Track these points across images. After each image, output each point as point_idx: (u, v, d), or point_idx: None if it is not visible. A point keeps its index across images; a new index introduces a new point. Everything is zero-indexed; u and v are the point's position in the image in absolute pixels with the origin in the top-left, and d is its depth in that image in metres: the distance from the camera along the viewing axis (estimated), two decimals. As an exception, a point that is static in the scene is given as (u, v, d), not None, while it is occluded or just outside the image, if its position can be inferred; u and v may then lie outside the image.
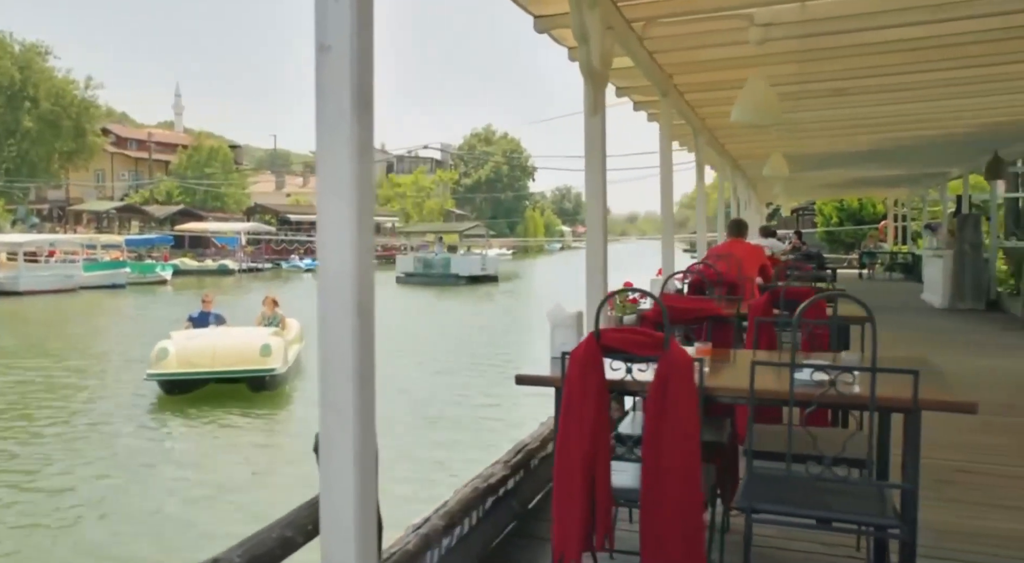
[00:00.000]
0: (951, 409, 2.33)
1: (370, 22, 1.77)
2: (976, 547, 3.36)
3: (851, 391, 2.30)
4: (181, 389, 11.54)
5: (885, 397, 2.27)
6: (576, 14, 3.67)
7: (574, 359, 2.48)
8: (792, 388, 2.28)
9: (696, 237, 9.95)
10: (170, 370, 11.33)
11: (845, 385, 2.27)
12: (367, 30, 1.76)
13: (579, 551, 2.49)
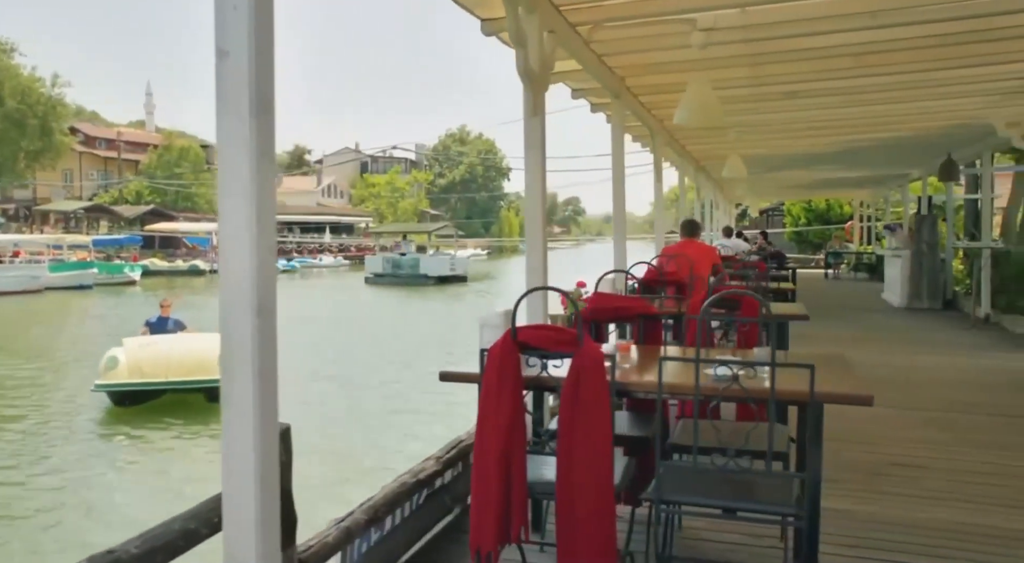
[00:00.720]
0: (847, 402, 2.44)
1: (270, 28, 1.82)
2: (898, 536, 3.47)
3: (753, 386, 2.38)
4: (132, 400, 10.93)
5: (784, 390, 2.36)
6: (512, 18, 3.74)
7: (492, 356, 2.55)
8: (697, 383, 2.36)
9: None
10: (120, 380, 10.66)
11: (748, 380, 2.35)
12: (266, 36, 1.81)
13: (495, 543, 2.56)
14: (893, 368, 7.83)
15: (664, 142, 9.77)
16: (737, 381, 2.31)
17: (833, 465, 4.51)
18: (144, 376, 10.68)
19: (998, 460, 4.64)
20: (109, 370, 10.70)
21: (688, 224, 7.28)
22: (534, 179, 4.11)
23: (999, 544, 3.38)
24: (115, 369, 10.67)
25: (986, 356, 8.53)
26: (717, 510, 2.52)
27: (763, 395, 2.33)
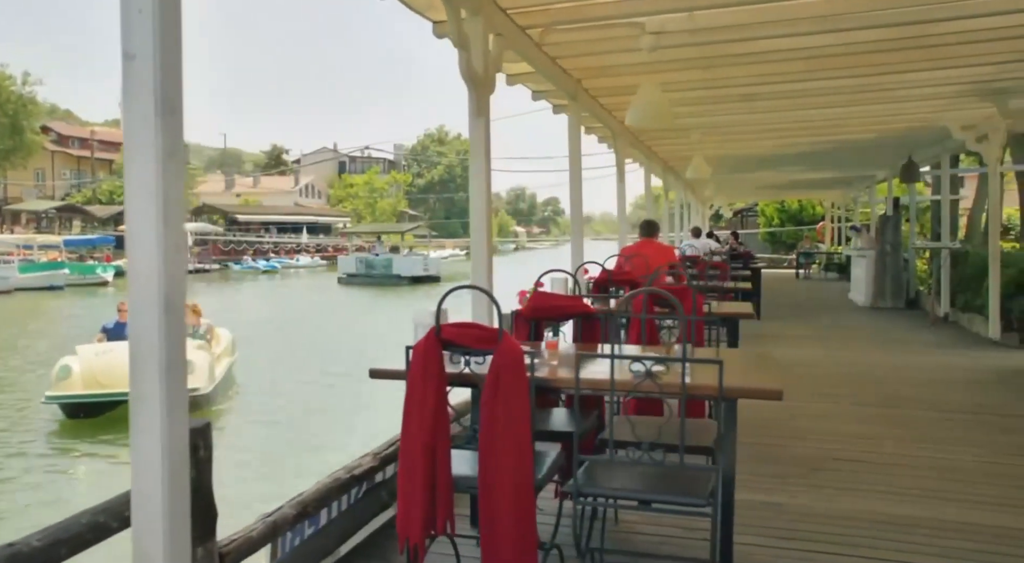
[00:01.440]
0: (756, 396, 2.52)
1: (176, 31, 1.86)
2: (825, 527, 3.57)
3: (668, 381, 2.45)
4: (87, 412, 10.13)
5: (696, 385, 2.44)
6: (453, 21, 3.80)
7: (416, 353, 2.60)
8: (613, 378, 2.43)
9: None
10: (73, 391, 9.84)
11: (669, 376, 2.42)
12: (172, 39, 1.85)
13: (422, 535, 2.61)
14: (847, 365, 7.99)
15: (629, 143, 9.88)
16: (651, 377, 2.38)
17: (775, 460, 4.65)
18: (100, 386, 9.86)
19: (932, 453, 4.77)
20: (61, 380, 9.95)
21: (646, 224, 7.38)
22: (479, 179, 4.17)
23: (919, 534, 3.49)
24: (68, 379, 9.91)
25: (939, 354, 8.71)
26: (635, 502, 2.58)
27: (675, 390, 2.40)
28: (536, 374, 2.62)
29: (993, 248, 9.46)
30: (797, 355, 8.66)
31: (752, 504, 3.88)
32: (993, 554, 3.27)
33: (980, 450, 4.87)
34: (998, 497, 4.00)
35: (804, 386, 6.90)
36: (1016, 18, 5.35)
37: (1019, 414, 5.84)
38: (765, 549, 3.34)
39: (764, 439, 5.09)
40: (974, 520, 3.67)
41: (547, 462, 2.76)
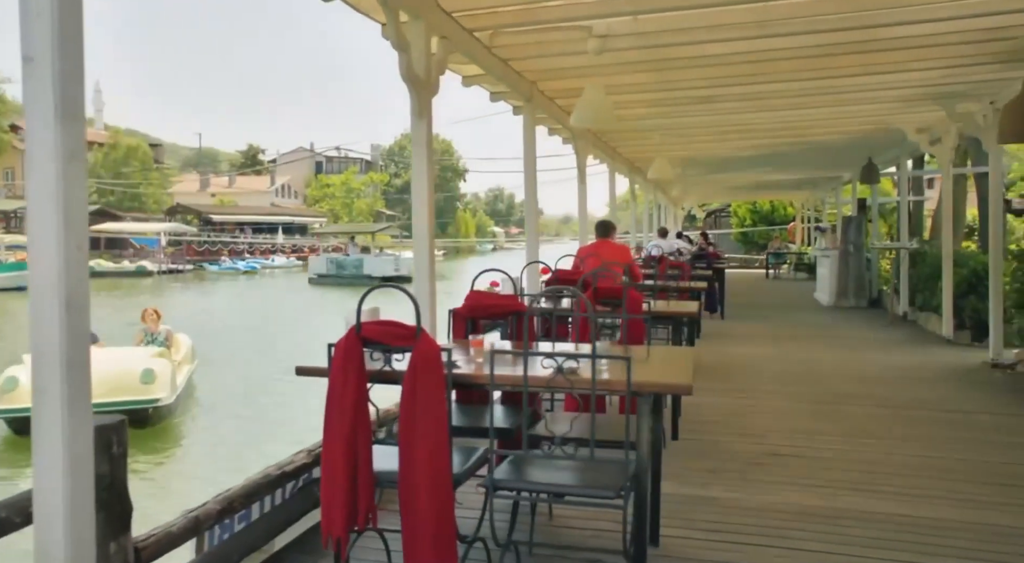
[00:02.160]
0: (664, 391, 2.60)
1: (77, 35, 1.89)
2: (752, 520, 3.66)
3: (584, 377, 2.52)
4: None
5: (604, 381, 2.51)
6: (392, 24, 3.85)
7: (337, 350, 2.65)
8: (526, 374, 2.50)
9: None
10: (20, 405, 8.98)
11: (571, 372, 2.49)
12: (73, 42, 1.88)
13: (344, 529, 2.66)
14: (802, 363, 8.13)
15: (592, 144, 9.98)
16: (561, 373, 2.45)
17: (715, 455, 4.75)
18: None
19: (869, 448, 4.89)
20: (7, 392, 9.22)
21: (601, 225, 7.47)
22: (421, 182, 4.22)
23: (849, 525, 3.59)
24: (14, 391, 9.17)
25: (893, 352, 8.88)
26: (561, 495, 2.65)
27: (586, 386, 2.47)
28: (460, 371, 2.68)
29: (946, 248, 9.66)
30: (755, 353, 8.80)
31: (685, 498, 3.98)
32: (922, 543, 3.38)
33: (915, 444, 5.00)
34: (928, 488, 4.13)
35: (756, 384, 7.03)
36: (956, 24, 5.50)
37: (957, 409, 6.00)
38: (692, 541, 3.42)
39: (708, 435, 5.20)
40: (904, 511, 3.77)
41: (473, 457, 2.83)
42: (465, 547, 2.81)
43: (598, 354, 2.45)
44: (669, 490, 4.07)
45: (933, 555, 3.27)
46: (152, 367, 9.76)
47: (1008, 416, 5.82)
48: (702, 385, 6.87)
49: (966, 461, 4.65)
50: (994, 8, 5.19)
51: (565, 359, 2.46)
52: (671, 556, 3.26)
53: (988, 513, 3.77)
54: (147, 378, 9.60)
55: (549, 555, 3.26)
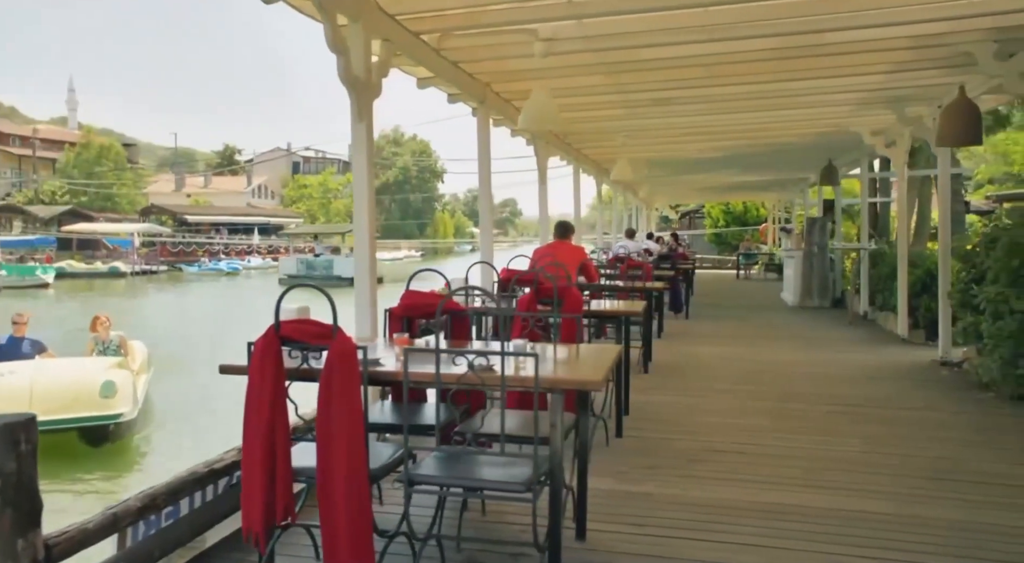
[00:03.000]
0: (570, 386, 2.65)
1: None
2: (684, 514, 3.73)
3: (492, 374, 2.58)
4: None
5: (513, 377, 2.57)
6: (329, 27, 3.88)
7: (256, 349, 2.69)
8: (438, 371, 2.55)
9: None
10: (114, 411, 8.58)
11: (486, 369, 2.55)
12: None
13: (263, 524, 2.70)
14: (758, 362, 8.25)
15: (555, 145, 10.06)
16: (472, 370, 2.51)
17: (658, 452, 4.83)
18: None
19: (810, 445, 4.99)
20: (106, 398, 8.64)
21: (560, 226, 7.53)
22: (362, 184, 4.27)
23: (782, 519, 3.67)
24: (112, 398, 8.65)
25: (849, 351, 9.03)
26: (461, 489, 2.71)
27: (496, 383, 2.53)
28: (376, 369, 2.73)
29: (901, 249, 9.84)
30: (714, 352, 8.92)
31: (620, 493, 4.05)
32: (843, 534, 3.47)
33: (854, 440, 5.11)
34: (859, 483, 4.22)
35: (710, 382, 7.13)
36: (897, 30, 5.63)
37: (901, 407, 6.12)
38: (619, 535, 3.49)
39: (653, 433, 5.28)
40: (831, 505, 3.87)
41: (395, 454, 2.88)
42: (385, 541, 2.85)
43: (508, 352, 2.51)
44: (606, 486, 4.16)
45: (850, 544, 3.37)
46: (112, 378, 8.82)
47: (948, 413, 5.96)
48: (656, 384, 7.00)
49: (901, 456, 4.76)
50: (932, 15, 5.31)
51: (475, 357, 2.52)
52: (596, 550, 3.33)
53: (914, 505, 3.87)
54: (107, 391, 8.64)
55: (478, 549, 3.31)
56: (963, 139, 6.04)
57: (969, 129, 5.81)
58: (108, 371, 9.00)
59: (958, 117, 5.76)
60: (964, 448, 4.94)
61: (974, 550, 3.32)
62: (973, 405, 6.17)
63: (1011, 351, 6.04)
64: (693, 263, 16.53)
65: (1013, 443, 5.07)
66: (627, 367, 5.80)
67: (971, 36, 5.68)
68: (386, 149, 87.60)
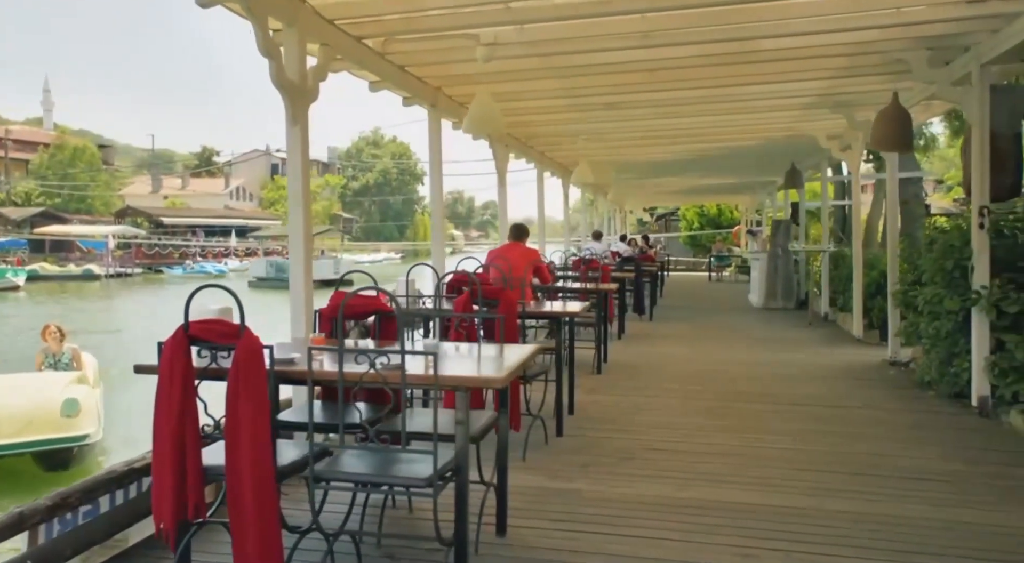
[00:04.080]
0: (468, 385, 2.72)
1: None
2: (607, 511, 3.82)
3: (414, 374, 2.65)
4: None
5: (414, 375, 2.64)
6: (259, 31, 3.93)
7: (165, 348, 2.74)
8: (341, 370, 2.62)
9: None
10: (76, 433, 7.84)
11: (391, 368, 2.62)
12: None
13: (173, 521, 2.75)
14: (712, 363, 8.37)
15: (514, 148, 10.15)
16: (373, 368, 2.58)
17: (592, 451, 4.92)
18: None
19: (743, 442, 5.10)
20: (68, 417, 7.93)
21: (514, 228, 7.63)
22: (296, 186, 4.32)
23: (701, 514, 3.77)
24: (75, 417, 7.94)
25: (804, 351, 9.16)
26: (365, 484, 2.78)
27: (396, 381, 2.60)
28: (282, 368, 2.79)
29: (856, 251, 10.00)
30: (670, 353, 9.04)
31: (549, 491, 4.14)
32: (764, 530, 3.57)
33: (788, 437, 5.23)
34: (784, 478, 4.34)
35: (659, 382, 7.23)
36: (829, 38, 5.77)
37: (841, 405, 6.26)
38: (539, 530, 3.57)
39: (593, 432, 5.37)
40: (751, 500, 3.97)
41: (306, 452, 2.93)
42: (297, 537, 2.91)
43: (409, 351, 2.59)
44: (537, 484, 4.26)
45: (758, 537, 3.47)
46: (75, 396, 7.97)
47: (886, 410, 6.10)
48: (606, 384, 7.10)
49: (830, 452, 4.88)
50: (863, 24, 5.46)
51: (377, 356, 2.59)
52: (514, 545, 3.42)
53: (829, 499, 3.98)
54: (70, 410, 7.80)
55: (398, 545, 3.38)
56: (894, 144, 6.19)
57: (900, 135, 5.97)
58: (68, 388, 8.16)
59: (890, 123, 5.91)
60: (892, 445, 5.07)
61: (880, 541, 3.44)
62: (911, 403, 6.32)
63: (946, 351, 6.20)
64: (660, 265, 16.70)
65: (941, 440, 5.20)
66: (572, 368, 5.90)
67: (903, 44, 5.84)
68: (365, 151, 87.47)
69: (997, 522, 3.70)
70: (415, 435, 3.01)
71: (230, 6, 4.19)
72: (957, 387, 6.20)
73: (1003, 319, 5.53)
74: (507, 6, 4.83)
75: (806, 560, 3.27)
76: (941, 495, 4.07)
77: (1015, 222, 5.86)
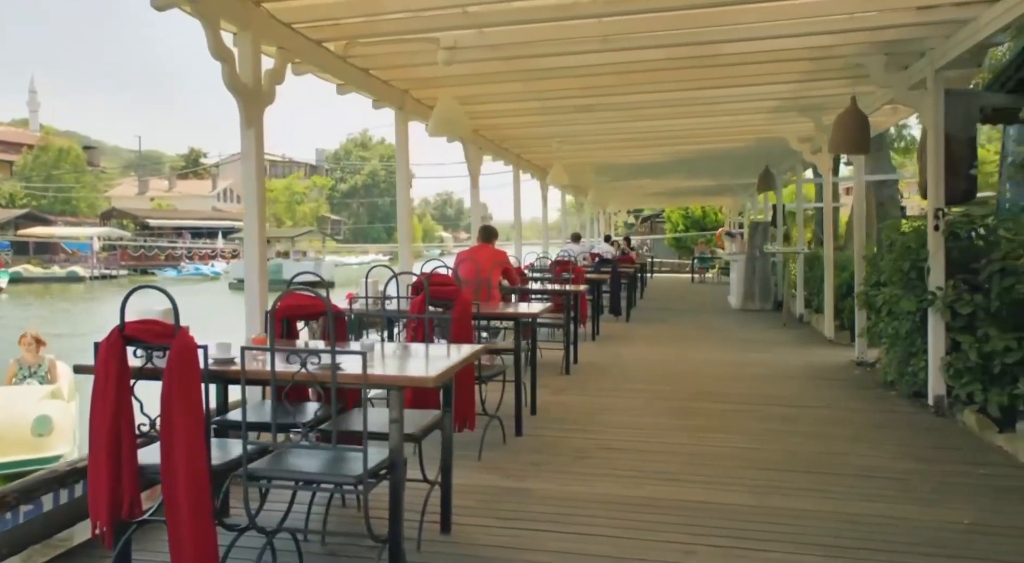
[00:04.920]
0: (400, 384, 2.76)
1: None
2: (554, 508, 3.86)
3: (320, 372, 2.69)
4: None
5: (345, 374, 2.68)
6: (211, 34, 3.96)
7: (100, 348, 2.77)
8: (273, 368, 2.66)
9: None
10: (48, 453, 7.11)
11: (313, 366, 2.66)
12: None
13: (109, 519, 2.78)
14: (681, 363, 8.45)
15: (489, 151, 10.20)
16: (304, 367, 2.62)
17: (548, 451, 4.96)
18: None
19: (697, 441, 5.16)
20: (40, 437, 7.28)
21: (483, 230, 7.68)
22: (251, 188, 4.35)
23: (632, 510, 3.83)
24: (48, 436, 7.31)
25: (774, 352, 9.23)
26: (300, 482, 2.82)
27: (325, 379, 2.64)
28: (216, 367, 2.82)
29: (828, 252, 10.10)
30: (641, 354, 9.11)
31: (499, 489, 4.18)
32: (706, 527, 3.62)
33: (744, 436, 5.29)
34: (734, 476, 4.38)
35: (625, 383, 7.29)
36: (788, 42, 5.84)
37: (802, 405, 6.33)
38: (483, 528, 3.62)
39: (552, 432, 5.42)
40: (699, 498, 4.02)
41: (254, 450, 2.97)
42: (235, 535, 2.94)
43: (338, 351, 2.63)
44: (489, 482, 4.30)
45: (697, 534, 3.53)
46: (47, 412, 7.32)
47: (846, 410, 6.17)
48: (572, 385, 7.15)
49: (783, 451, 4.94)
50: (819, 29, 5.54)
51: (308, 355, 2.63)
52: (458, 542, 3.46)
53: (777, 497, 4.05)
54: (41, 428, 7.17)
55: (342, 543, 3.42)
56: (852, 147, 6.28)
57: (858, 138, 6.05)
58: (40, 403, 7.45)
59: (847, 126, 6.00)
60: (846, 444, 5.14)
61: (821, 537, 3.50)
62: (872, 403, 6.39)
63: (904, 351, 6.28)
64: (639, 267, 16.77)
65: (896, 439, 5.27)
66: (534, 368, 5.95)
67: (861, 49, 5.92)
68: (354, 153, 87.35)
69: (939, 517, 3.77)
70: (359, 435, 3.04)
71: (190, 10, 4.22)
72: (916, 387, 6.29)
73: (958, 320, 5.60)
74: (464, 10, 4.87)
75: (745, 556, 3.32)
76: (888, 492, 4.14)
77: (969, 224, 5.94)
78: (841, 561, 3.26)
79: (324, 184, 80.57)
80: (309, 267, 37.34)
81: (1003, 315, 5.39)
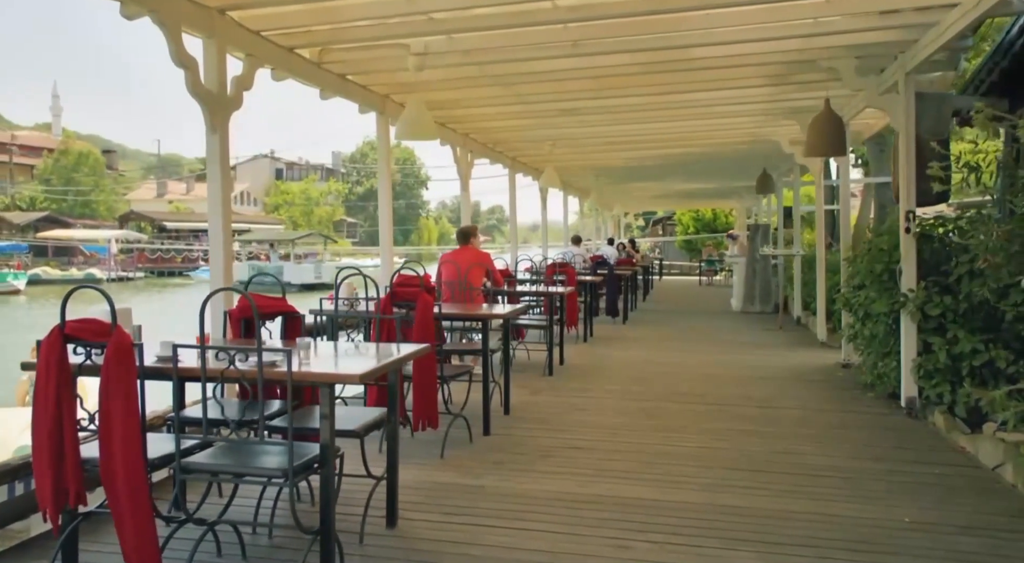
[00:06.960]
0: (325, 381, 2.85)
1: None
2: (504, 505, 3.95)
3: (249, 369, 2.79)
4: None
5: (272, 371, 2.78)
6: (172, 42, 4.09)
7: (41, 347, 2.90)
8: (204, 366, 2.77)
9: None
10: None
11: (242, 363, 2.77)
12: None
13: (54, 509, 2.91)
14: (666, 365, 8.48)
15: (480, 153, 10.30)
16: (232, 364, 2.73)
17: (513, 449, 5.04)
18: None
19: (661, 441, 5.21)
20: None
21: (461, 232, 7.79)
22: (216, 193, 4.48)
23: (580, 507, 3.90)
24: None
25: (765, 354, 9.23)
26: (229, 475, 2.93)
27: (253, 377, 2.75)
28: (165, 365, 2.94)
29: (820, 255, 10.09)
30: (629, 356, 9.16)
31: (454, 486, 4.27)
32: (650, 523, 3.69)
33: (707, 436, 5.34)
34: (693, 475, 4.44)
35: (605, 384, 7.35)
36: (760, 46, 5.89)
37: (773, 406, 6.35)
38: (429, 523, 3.71)
39: (521, 431, 5.50)
40: (652, 496, 4.07)
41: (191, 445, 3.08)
42: (174, 526, 3.06)
43: (265, 348, 2.73)
44: (445, 480, 4.39)
45: (640, 531, 3.59)
46: None
47: (818, 411, 6.19)
48: (552, 386, 7.22)
49: (742, 450, 4.98)
50: (788, 33, 5.58)
51: (236, 352, 2.74)
52: (403, 536, 3.55)
53: (725, 495, 4.10)
54: None
55: (287, 536, 3.52)
56: (827, 150, 6.30)
57: (833, 141, 6.07)
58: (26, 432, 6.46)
59: (822, 129, 6.02)
60: (808, 444, 5.17)
61: (756, 533, 3.55)
62: (846, 404, 6.41)
63: (877, 352, 6.30)
64: (641, 269, 16.79)
65: (860, 439, 5.30)
66: (507, 369, 6.03)
67: (831, 53, 5.95)
68: (370, 156, 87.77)
69: (879, 515, 3.81)
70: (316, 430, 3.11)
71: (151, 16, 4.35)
72: (891, 388, 6.30)
73: (928, 322, 5.63)
74: (430, 17, 4.97)
75: (677, 551, 3.39)
76: (833, 491, 4.19)
77: (939, 226, 5.96)
78: (769, 556, 3.32)
79: (341, 190, 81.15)
80: (309, 270, 37.83)
81: (971, 317, 5.41)
